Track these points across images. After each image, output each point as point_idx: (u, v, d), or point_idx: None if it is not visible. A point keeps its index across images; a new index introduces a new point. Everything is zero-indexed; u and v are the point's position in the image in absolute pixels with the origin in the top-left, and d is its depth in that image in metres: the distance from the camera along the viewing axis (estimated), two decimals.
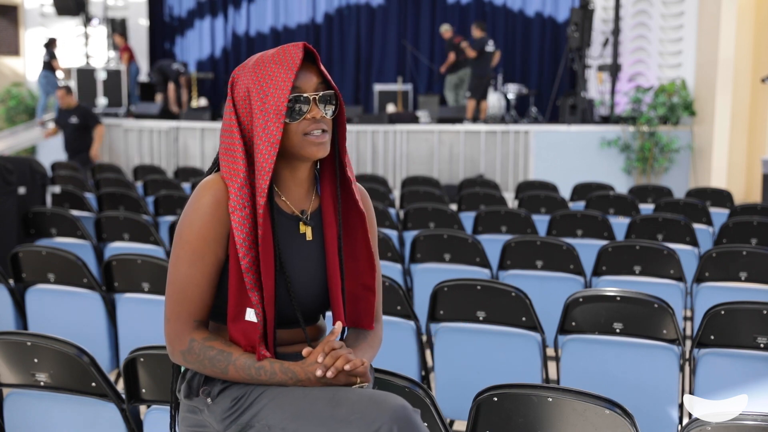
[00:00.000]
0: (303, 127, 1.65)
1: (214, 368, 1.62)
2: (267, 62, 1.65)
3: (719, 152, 10.01)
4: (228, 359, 1.61)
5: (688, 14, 10.97)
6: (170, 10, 14.91)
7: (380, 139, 10.73)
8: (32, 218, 5.25)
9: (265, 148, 1.61)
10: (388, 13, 14.25)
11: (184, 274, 1.64)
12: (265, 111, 1.61)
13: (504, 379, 1.90)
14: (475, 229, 5.28)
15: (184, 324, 1.65)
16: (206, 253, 1.64)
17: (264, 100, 1.62)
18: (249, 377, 1.61)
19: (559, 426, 1.78)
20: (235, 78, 1.69)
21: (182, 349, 1.65)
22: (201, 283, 1.64)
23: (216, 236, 1.64)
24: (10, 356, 2.08)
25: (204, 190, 1.66)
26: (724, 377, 2.74)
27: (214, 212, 1.63)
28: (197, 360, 1.63)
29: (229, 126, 1.67)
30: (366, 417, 1.51)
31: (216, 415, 1.64)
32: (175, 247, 1.66)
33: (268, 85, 1.62)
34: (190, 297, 1.64)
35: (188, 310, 1.65)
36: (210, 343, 1.63)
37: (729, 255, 3.84)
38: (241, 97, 1.66)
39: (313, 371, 1.58)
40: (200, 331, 1.66)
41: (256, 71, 1.65)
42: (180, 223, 1.67)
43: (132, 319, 3.39)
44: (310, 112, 1.65)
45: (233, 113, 1.67)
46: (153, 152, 11.56)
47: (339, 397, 1.56)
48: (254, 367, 1.60)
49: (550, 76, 13.22)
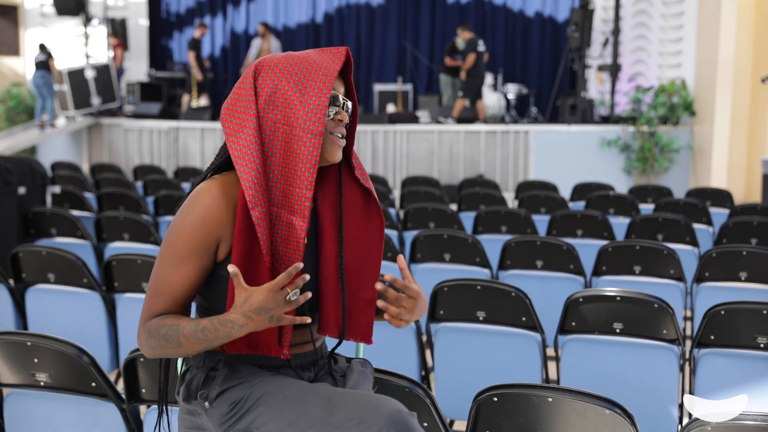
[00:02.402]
0: (330, 127, 1.67)
1: (170, 344, 1.59)
2: (304, 60, 1.65)
3: (719, 152, 10.01)
4: (177, 331, 1.58)
5: (688, 14, 10.97)
6: (167, 7, 14.93)
7: (380, 139, 10.73)
8: (32, 218, 5.25)
9: (309, 139, 1.60)
10: (388, 13, 14.25)
11: (163, 273, 1.63)
12: (306, 106, 1.60)
13: (504, 379, 1.90)
14: (475, 229, 5.28)
15: (150, 317, 1.64)
16: (189, 257, 1.62)
17: (303, 95, 1.61)
18: (199, 341, 1.56)
19: (559, 426, 1.78)
20: (259, 71, 1.65)
21: (145, 337, 1.62)
22: (176, 284, 1.62)
23: (202, 245, 1.62)
24: (10, 356, 2.08)
25: (197, 197, 1.64)
26: (724, 377, 2.74)
27: (203, 221, 1.61)
28: (157, 342, 1.60)
29: (244, 119, 1.63)
30: (363, 422, 1.51)
31: (214, 420, 1.64)
32: (161, 249, 1.65)
33: (308, 82, 1.62)
34: (163, 295, 1.63)
35: (157, 306, 1.63)
36: (163, 321, 1.61)
37: (729, 255, 3.84)
38: (269, 90, 1.63)
39: (249, 310, 1.51)
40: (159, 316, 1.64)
41: (289, 66, 1.64)
42: (170, 227, 1.66)
43: (132, 319, 3.39)
44: (339, 114, 1.68)
45: (254, 106, 1.63)
46: (153, 152, 11.56)
47: (335, 402, 1.56)
48: (198, 330, 1.56)
49: (550, 76, 13.22)
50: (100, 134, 11.94)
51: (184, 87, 13.98)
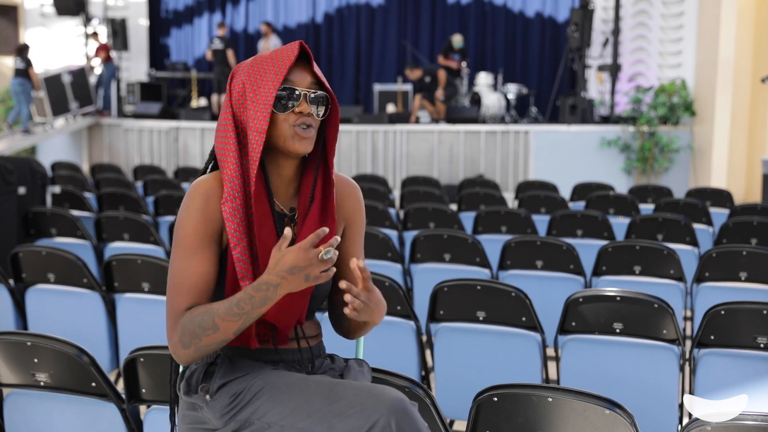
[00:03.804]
0: (291, 121, 1.69)
1: (206, 332, 1.60)
2: (265, 57, 1.71)
3: (719, 152, 10.01)
4: (211, 314, 1.59)
5: (688, 14, 10.98)
6: (167, 6, 14.93)
7: (380, 139, 10.73)
8: (32, 218, 5.25)
9: (253, 135, 1.66)
10: (388, 13, 14.25)
11: (178, 268, 1.66)
12: (256, 101, 1.67)
13: (504, 379, 1.90)
14: (475, 229, 5.28)
15: (177, 316, 1.65)
16: (199, 247, 1.66)
17: (256, 92, 1.68)
18: (236, 317, 1.58)
19: (559, 426, 1.78)
20: (234, 73, 1.75)
21: (178, 336, 1.63)
22: (195, 274, 1.65)
23: (208, 231, 1.67)
24: (10, 356, 2.08)
25: (194, 190, 1.70)
26: (724, 377, 2.74)
27: (204, 210, 1.67)
28: (192, 335, 1.60)
29: (224, 119, 1.72)
30: (364, 410, 1.52)
31: (215, 412, 1.65)
32: (172, 249, 1.70)
33: (262, 78, 1.68)
34: (185, 289, 1.65)
35: (183, 303, 1.64)
36: (193, 313, 1.62)
37: (729, 255, 3.84)
38: (238, 91, 1.71)
39: (281, 269, 1.53)
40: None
41: (253, 66, 1.71)
42: (175, 226, 1.71)
43: (132, 319, 3.39)
44: (299, 106, 1.69)
45: (229, 106, 1.72)
46: (153, 152, 11.57)
47: (336, 391, 1.57)
48: (234, 305, 1.58)
49: (550, 76, 13.22)
50: (100, 134, 11.94)
51: (184, 87, 14.00)
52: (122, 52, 12.90)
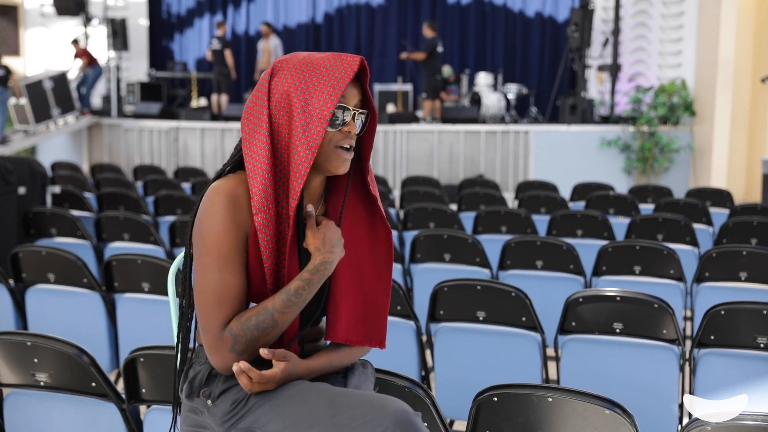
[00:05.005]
0: (337, 139, 1.63)
1: (265, 330, 1.59)
2: (317, 65, 1.62)
3: (719, 152, 10.01)
4: (267, 313, 1.59)
5: (688, 14, 10.98)
6: (168, 8, 14.93)
7: (380, 139, 10.73)
8: (32, 218, 5.25)
9: (302, 150, 1.58)
10: (388, 13, 14.26)
11: (215, 280, 1.60)
12: (307, 113, 1.58)
13: (504, 379, 1.90)
14: (475, 229, 5.28)
15: (223, 326, 1.61)
16: (233, 255, 1.61)
17: (308, 102, 1.59)
18: (293, 306, 1.60)
19: (559, 426, 1.77)
20: (275, 71, 1.64)
21: (229, 347, 1.59)
22: (234, 285, 1.61)
23: (238, 239, 1.61)
24: (10, 356, 2.08)
25: (217, 194, 1.62)
26: (724, 377, 2.74)
27: (232, 215, 1.60)
28: (247, 340, 1.58)
29: (258, 118, 1.63)
30: (368, 422, 1.50)
31: (216, 418, 1.63)
32: (200, 256, 1.62)
33: (315, 89, 1.60)
34: (228, 299, 1.60)
35: (225, 315, 1.60)
36: (244, 317, 1.60)
37: (729, 255, 3.84)
38: (280, 93, 1.61)
39: (330, 245, 1.63)
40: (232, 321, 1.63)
41: (302, 71, 1.62)
42: (199, 232, 1.63)
43: (132, 319, 3.39)
44: (347, 125, 1.64)
45: (266, 107, 1.62)
46: (153, 152, 11.57)
47: (339, 402, 1.54)
48: (291, 295, 1.59)
49: (550, 76, 13.23)
50: (100, 134, 11.94)
51: (184, 87, 14.00)
52: (122, 52, 12.89)
